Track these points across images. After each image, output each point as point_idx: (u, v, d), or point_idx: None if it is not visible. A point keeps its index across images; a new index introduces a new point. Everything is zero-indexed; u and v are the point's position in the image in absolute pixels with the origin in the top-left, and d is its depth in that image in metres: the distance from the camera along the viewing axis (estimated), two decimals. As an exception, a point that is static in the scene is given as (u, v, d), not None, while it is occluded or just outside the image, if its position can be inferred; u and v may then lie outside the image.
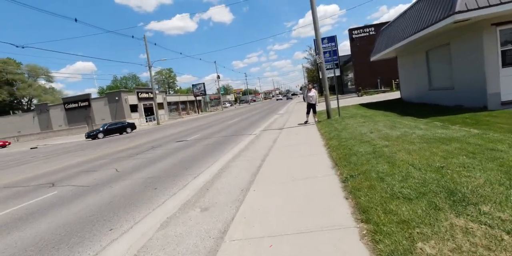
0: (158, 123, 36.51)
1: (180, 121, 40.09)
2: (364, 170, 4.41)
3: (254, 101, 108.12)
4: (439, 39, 11.89)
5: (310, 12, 12.44)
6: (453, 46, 11.07)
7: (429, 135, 5.95)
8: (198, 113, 59.34)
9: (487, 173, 3.42)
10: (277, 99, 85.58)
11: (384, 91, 31.71)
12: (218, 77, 66.45)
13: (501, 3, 7.89)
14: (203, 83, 59.35)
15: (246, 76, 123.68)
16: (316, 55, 13.03)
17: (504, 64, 9.34)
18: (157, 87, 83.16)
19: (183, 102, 59.94)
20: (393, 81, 31.36)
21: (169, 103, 53.46)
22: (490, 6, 7.94)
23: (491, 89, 9.39)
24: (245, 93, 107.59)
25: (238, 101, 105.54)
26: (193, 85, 60.71)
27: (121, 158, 10.90)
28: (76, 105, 40.18)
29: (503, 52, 9.31)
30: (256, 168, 6.30)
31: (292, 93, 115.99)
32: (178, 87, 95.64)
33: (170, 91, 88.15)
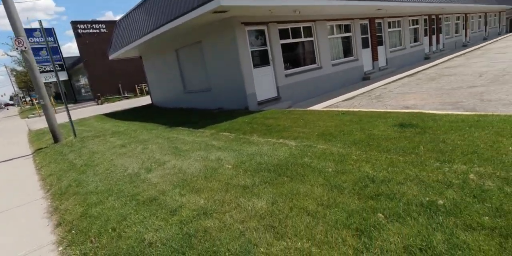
0: None
1: None
2: None
3: None
4: (190, 36, 10.43)
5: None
6: (205, 45, 9.94)
7: (245, 160, 3.62)
8: None
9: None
10: None
11: (128, 97, 28.54)
12: None
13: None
14: None
15: None
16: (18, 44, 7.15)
17: (253, 65, 9.20)
18: None
19: None
20: (136, 86, 28.86)
21: None
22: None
23: (249, 90, 8.95)
24: None
25: None
26: None
27: None
28: None
29: (251, 53, 9.11)
30: None
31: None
32: None
33: None
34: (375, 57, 13.37)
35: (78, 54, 30.84)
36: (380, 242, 1.73)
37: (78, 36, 27.98)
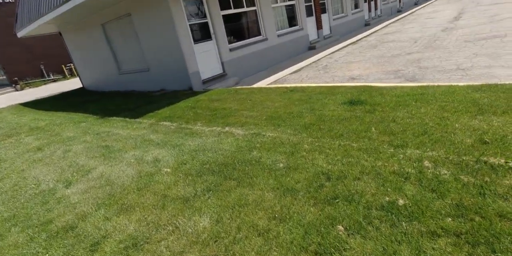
0: None
1: None
2: None
3: None
4: (116, 9, 8.96)
5: None
6: (136, 19, 8.64)
7: (187, 159, 3.14)
8: None
9: None
10: None
11: (55, 80, 25.05)
12: None
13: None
14: None
15: None
16: None
17: (194, 40, 8.31)
18: None
19: None
20: (64, 66, 25.32)
21: None
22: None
23: (191, 68, 8.15)
24: None
25: None
26: None
27: None
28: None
29: (190, 27, 8.17)
30: None
31: None
32: None
33: None
34: (319, 26, 13.12)
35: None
36: (342, 269, 1.48)
37: (-26, 7, 22.96)
